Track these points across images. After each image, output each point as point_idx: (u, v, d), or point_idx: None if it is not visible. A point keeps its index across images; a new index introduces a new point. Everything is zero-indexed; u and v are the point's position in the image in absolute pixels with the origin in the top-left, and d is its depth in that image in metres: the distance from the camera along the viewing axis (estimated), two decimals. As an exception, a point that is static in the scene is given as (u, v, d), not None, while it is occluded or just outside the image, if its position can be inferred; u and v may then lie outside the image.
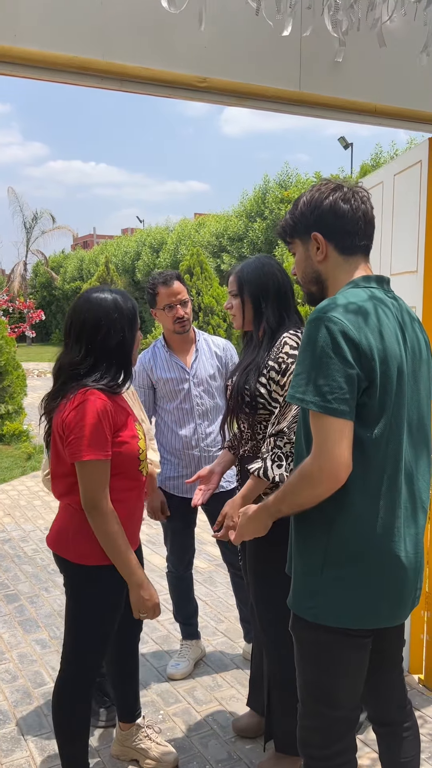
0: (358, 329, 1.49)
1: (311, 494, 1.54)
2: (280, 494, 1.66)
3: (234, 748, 2.61)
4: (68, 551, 2.10)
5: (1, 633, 3.62)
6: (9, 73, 1.93)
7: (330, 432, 1.48)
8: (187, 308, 2.99)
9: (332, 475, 1.49)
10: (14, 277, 34.29)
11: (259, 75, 2.22)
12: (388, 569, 1.58)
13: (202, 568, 4.45)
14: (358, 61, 2.35)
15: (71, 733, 2.18)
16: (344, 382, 1.47)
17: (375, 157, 19.96)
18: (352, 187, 1.68)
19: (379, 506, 1.56)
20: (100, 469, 1.98)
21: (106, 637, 2.16)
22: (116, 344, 2.07)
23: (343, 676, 1.65)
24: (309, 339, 1.51)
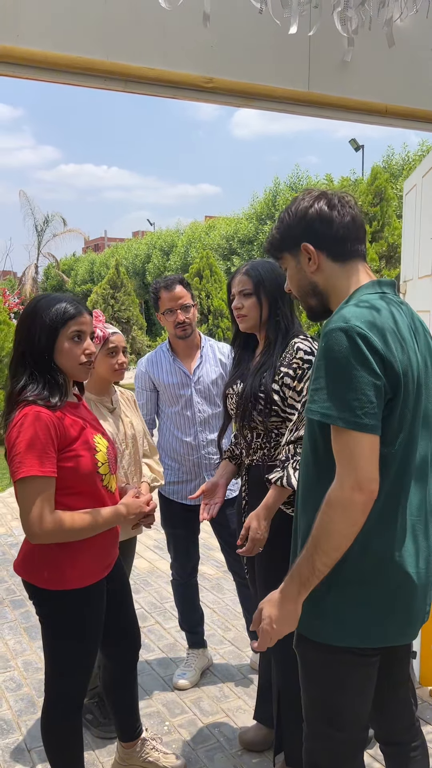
0: (382, 338, 1.42)
1: (347, 522, 1.40)
2: (309, 547, 1.46)
3: (240, 762, 2.56)
4: (34, 576, 2.00)
5: (7, 639, 3.59)
6: (11, 74, 1.90)
7: (359, 449, 1.39)
8: (189, 313, 2.94)
9: (366, 492, 1.39)
10: (26, 279, 34.42)
11: (267, 75, 2.18)
12: (398, 587, 1.52)
13: (210, 574, 4.40)
14: (369, 61, 2.30)
15: (63, 758, 2.12)
16: (374, 395, 1.39)
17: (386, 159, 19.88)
18: (337, 194, 1.63)
19: (389, 524, 1.49)
20: (33, 488, 1.84)
21: (85, 662, 2.07)
22: (30, 353, 1.95)
23: (351, 697, 1.59)
24: (330, 350, 1.42)
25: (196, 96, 2.15)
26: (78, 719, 2.12)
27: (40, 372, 1.95)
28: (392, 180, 18.57)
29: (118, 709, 2.40)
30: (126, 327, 16.40)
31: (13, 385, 1.97)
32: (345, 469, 1.40)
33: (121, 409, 2.70)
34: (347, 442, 1.40)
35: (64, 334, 1.95)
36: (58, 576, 1.97)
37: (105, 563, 2.10)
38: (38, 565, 1.99)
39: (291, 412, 2.19)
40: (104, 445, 2.08)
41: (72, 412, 2.03)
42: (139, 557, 4.76)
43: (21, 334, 1.99)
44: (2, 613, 3.90)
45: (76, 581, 1.99)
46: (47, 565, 1.98)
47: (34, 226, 35.68)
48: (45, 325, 1.94)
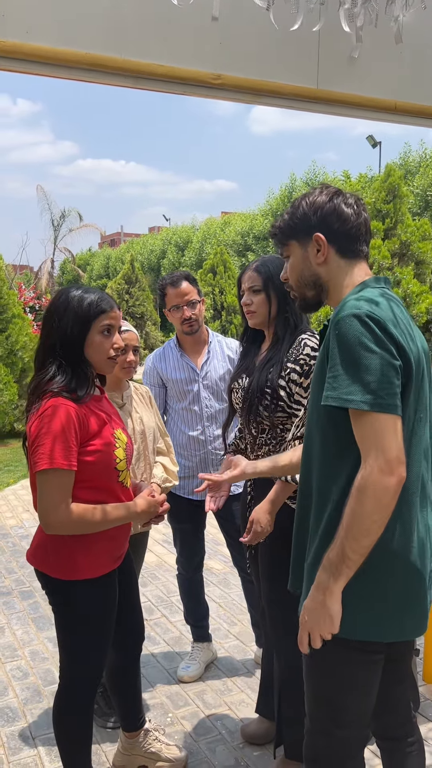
0: (392, 323, 1.45)
1: (378, 506, 1.39)
2: (339, 534, 1.44)
3: (242, 755, 2.58)
4: (47, 566, 2.02)
5: (15, 629, 3.64)
6: (21, 70, 1.92)
7: (384, 430, 1.39)
8: (196, 309, 2.95)
9: (396, 474, 1.38)
10: (41, 274, 34.63)
11: (275, 72, 2.19)
12: (409, 581, 1.52)
13: (217, 569, 4.42)
14: (377, 58, 2.30)
15: (72, 744, 2.15)
16: (393, 375, 1.41)
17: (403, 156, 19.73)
18: (352, 194, 1.68)
19: (396, 517, 1.48)
20: (55, 480, 1.87)
21: (99, 650, 2.10)
22: (61, 345, 1.97)
23: (357, 695, 1.59)
24: (345, 336, 1.44)
25: (205, 93, 2.16)
26: (90, 709, 2.15)
27: (70, 363, 1.97)
28: (409, 177, 18.44)
29: (121, 700, 2.43)
30: (140, 322, 16.45)
31: (40, 376, 1.99)
32: (372, 453, 1.40)
33: (132, 406, 2.71)
34: (372, 425, 1.40)
35: (95, 327, 1.99)
36: (70, 566, 1.99)
37: (117, 554, 2.12)
38: (51, 555, 2.02)
39: (297, 408, 2.20)
40: (124, 441, 2.10)
41: (96, 405, 2.05)
42: (147, 551, 4.78)
43: (51, 325, 1.99)
44: (11, 604, 3.95)
45: (88, 571, 2.01)
46: (60, 554, 2.00)
47: (51, 221, 35.88)
48: (78, 317, 1.97)
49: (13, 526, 5.43)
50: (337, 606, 1.48)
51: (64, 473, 1.88)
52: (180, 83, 2.11)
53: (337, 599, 1.48)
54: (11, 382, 8.99)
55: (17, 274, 27.54)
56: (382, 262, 4.50)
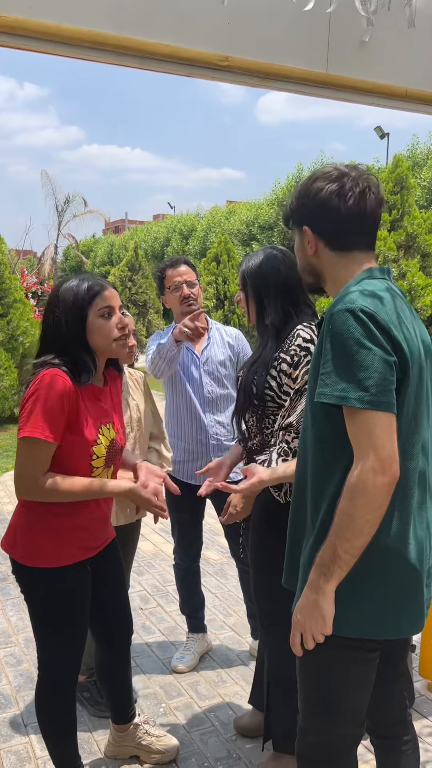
0: (387, 318, 1.41)
1: (370, 507, 1.36)
2: (331, 534, 1.42)
3: (234, 747, 2.56)
4: (15, 550, 1.99)
5: (9, 616, 3.62)
6: (23, 46, 1.87)
7: (379, 428, 1.35)
8: (194, 289, 2.95)
9: (388, 474, 1.35)
10: (45, 259, 34.48)
11: (284, 55, 2.14)
12: (405, 579, 1.49)
13: (214, 560, 4.40)
14: (389, 43, 2.25)
15: (55, 735, 2.14)
16: (387, 372, 1.37)
17: (411, 148, 19.58)
18: (357, 177, 1.54)
19: (393, 515, 1.45)
20: (35, 450, 1.84)
21: (68, 645, 2.07)
22: (55, 337, 1.95)
23: (350, 691, 1.56)
24: (338, 332, 1.39)
25: (212, 75, 2.10)
26: (71, 698, 2.13)
27: (72, 357, 1.93)
28: (416, 169, 18.30)
29: (110, 692, 2.41)
30: (142, 310, 16.39)
31: (39, 361, 1.95)
32: (365, 451, 1.36)
33: (129, 392, 2.68)
34: (365, 422, 1.36)
35: (92, 312, 1.95)
36: (36, 552, 1.97)
37: (90, 545, 2.08)
38: (19, 540, 1.99)
39: (285, 399, 2.18)
40: (109, 437, 2.03)
41: (93, 395, 2.01)
42: (144, 540, 4.77)
43: (48, 321, 1.97)
44: (6, 590, 3.94)
45: (52, 560, 1.97)
46: (26, 540, 1.97)
47: (55, 207, 35.68)
48: (70, 308, 1.93)
49: (10, 511, 5.41)
50: (329, 606, 1.45)
51: (45, 444, 1.85)
52: (186, 64, 2.06)
53: (329, 599, 1.45)
54: (12, 367, 8.96)
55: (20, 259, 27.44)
56: (387, 254, 4.45)
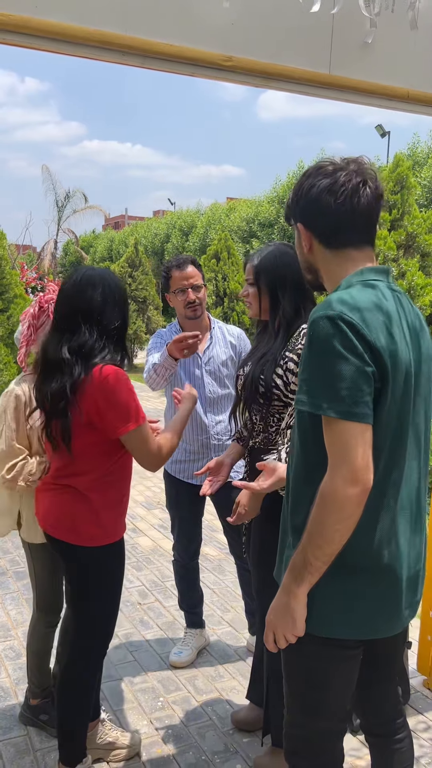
0: (369, 325, 1.37)
1: (340, 516, 1.36)
2: (303, 539, 1.43)
3: (231, 741, 2.59)
4: (74, 535, 2.10)
5: (9, 609, 3.64)
6: (28, 45, 1.88)
7: (351, 439, 1.34)
8: (200, 293, 2.93)
9: (360, 484, 1.34)
10: (44, 254, 34.46)
11: (288, 56, 2.14)
12: (385, 582, 1.50)
13: (212, 556, 4.43)
14: (392, 44, 2.26)
15: (77, 714, 2.22)
16: (363, 383, 1.35)
17: (412, 146, 19.57)
18: (352, 171, 1.49)
19: (377, 518, 1.46)
20: (143, 434, 2.03)
21: (118, 604, 2.27)
22: (120, 324, 2.10)
23: (332, 689, 1.58)
24: (317, 338, 1.38)
25: (215, 74, 2.11)
26: (93, 678, 2.26)
27: (123, 344, 2.14)
28: (417, 168, 18.29)
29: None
30: (142, 307, 16.38)
31: (82, 347, 2.01)
32: (338, 461, 1.36)
33: None
34: (339, 432, 1.36)
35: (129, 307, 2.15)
36: (97, 533, 2.11)
37: (125, 519, 2.24)
38: (79, 525, 2.09)
39: (293, 398, 2.19)
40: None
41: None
42: (143, 535, 4.80)
43: (111, 309, 2.07)
44: (5, 584, 3.96)
45: (114, 534, 2.15)
46: (87, 523, 2.09)
47: (55, 202, 35.63)
48: (124, 298, 2.12)
49: (9, 506, 5.43)
50: (301, 609, 1.46)
51: (144, 425, 2.04)
52: (189, 64, 2.07)
53: (301, 602, 1.46)
54: (11, 362, 8.96)
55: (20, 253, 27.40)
56: (387, 253, 4.46)
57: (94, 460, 2.07)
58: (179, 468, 3.07)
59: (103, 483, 2.10)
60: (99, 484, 2.10)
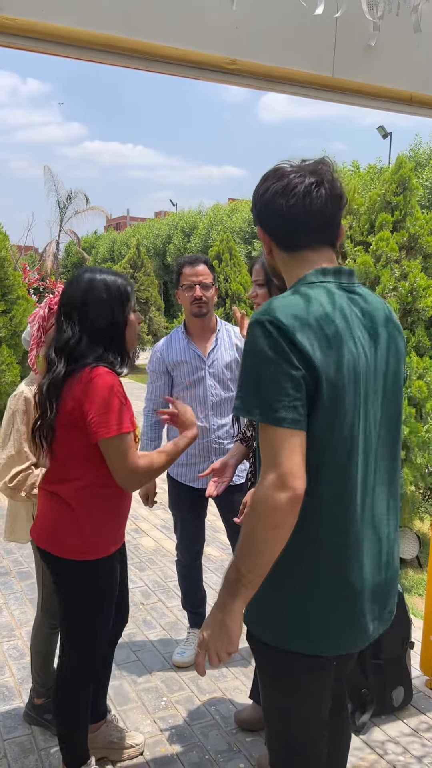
0: (300, 329, 1.34)
1: (268, 523, 1.30)
2: (237, 554, 1.38)
3: (234, 740, 2.60)
4: (57, 546, 2.04)
5: (13, 609, 3.66)
6: (34, 48, 1.89)
7: (279, 444, 1.31)
8: (208, 292, 2.95)
9: (288, 489, 1.29)
10: (46, 255, 34.45)
11: (291, 59, 2.15)
12: (344, 598, 1.45)
13: (215, 556, 4.44)
14: (395, 48, 2.27)
15: (76, 723, 2.18)
16: (291, 387, 1.32)
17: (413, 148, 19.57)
18: (306, 173, 1.47)
19: (331, 529, 1.41)
20: (123, 445, 1.92)
21: (105, 625, 2.14)
22: (106, 324, 2.00)
23: (304, 701, 1.54)
24: (249, 342, 1.37)
25: (219, 78, 2.12)
26: (90, 686, 2.19)
27: (117, 347, 2.03)
28: (418, 169, 18.30)
29: (94, 688, 2.38)
30: (144, 308, 16.40)
31: (71, 347, 1.97)
32: (266, 466, 1.33)
33: None
34: (267, 436, 1.33)
35: (130, 306, 2.07)
36: (78, 546, 2.02)
37: (119, 536, 2.15)
38: (59, 536, 2.03)
39: None
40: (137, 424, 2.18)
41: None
42: (145, 536, 4.81)
43: (98, 310, 1.99)
44: (9, 584, 3.98)
45: (94, 552, 2.04)
46: (69, 534, 2.02)
47: (57, 203, 35.64)
48: (120, 299, 2.03)
49: (12, 507, 5.44)
50: (236, 626, 1.38)
51: (126, 436, 1.93)
52: (194, 67, 2.08)
53: (236, 619, 1.38)
54: (14, 363, 8.98)
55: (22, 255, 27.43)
56: (390, 255, 4.47)
57: (79, 467, 1.99)
58: (181, 471, 3.08)
59: (89, 494, 2.01)
60: (84, 493, 2.01)
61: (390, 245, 4.48)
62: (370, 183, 15.09)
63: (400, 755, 2.52)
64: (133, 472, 1.94)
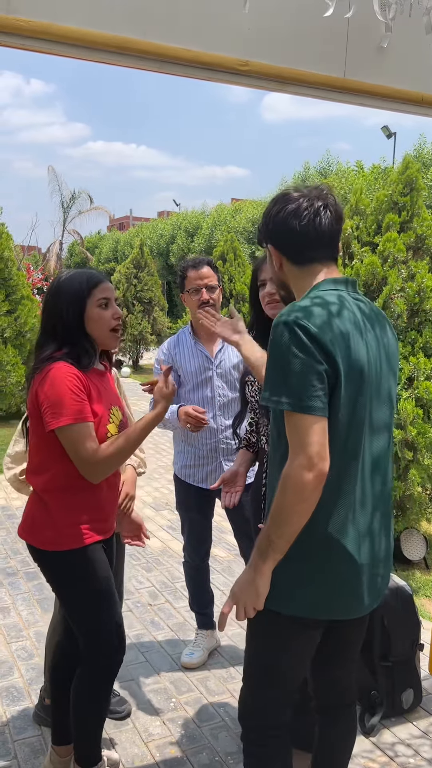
0: (320, 329, 1.53)
1: (297, 498, 1.51)
2: (268, 520, 1.59)
3: (244, 742, 2.59)
4: (33, 537, 2.09)
5: (20, 610, 3.66)
6: (48, 50, 1.89)
7: (306, 429, 1.50)
8: (214, 294, 2.94)
9: (315, 470, 1.49)
10: (50, 256, 34.48)
11: (303, 60, 2.15)
12: (342, 567, 1.62)
13: (222, 557, 4.44)
14: (407, 49, 2.26)
15: (89, 724, 2.18)
16: (316, 379, 1.51)
17: (417, 148, 19.54)
18: (314, 197, 1.68)
19: (335, 506, 1.59)
20: (79, 433, 1.96)
21: (106, 615, 2.13)
22: (55, 325, 2.06)
23: (289, 659, 1.74)
24: (275, 342, 1.56)
25: (231, 79, 2.12)
26: (112, 679, 2.19)
27: (72, 343, 2.06)
28: (423, 170, 18.27)
29: (65, 701, 2.24)
30: (148, 307, 16.40)
31: (38, 354, 2.08)
32: (295, 450, 1.52)
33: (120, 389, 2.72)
34: (296, 424, 1.52)
35: (91, 302, 2.08)
36: (54, 537, 2.04)
37: (102, 526, 2.13)
38: (36, 527, 2.08)
39: None
40: (118, 418, 2.15)
41: (96, 378, 2.11)
42: (152, 537, 4.81)
43: (49, 311, 2.10)
44: (16, 585, 3.98)
45: (71, 542, 2.05)
46: (45, 526, 2.06)
47: (61, 203, 35.68)
48: (71, 297, 2.06)
49: (18, 507, 5.45)
50: (264, 585, 1.60)
51: (84, 425, 1.97)
52: (206, 69, 2.08)
53: (265, 579, 1.60)
54: (19, 363, 8.99)
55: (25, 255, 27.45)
56: (397, 256, 4.46)
57: (48, 460, 2.05)
58: (189, 472, 3.08)
59: (59, 486, 2.05)
60: (54, 486, 2.05)
61: (397, 246, 4.47)
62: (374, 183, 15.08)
63: (410, 758, 2.52)
64: (86, 462, 1.97)
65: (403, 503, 4.31)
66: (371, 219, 4.85)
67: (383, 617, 2.71)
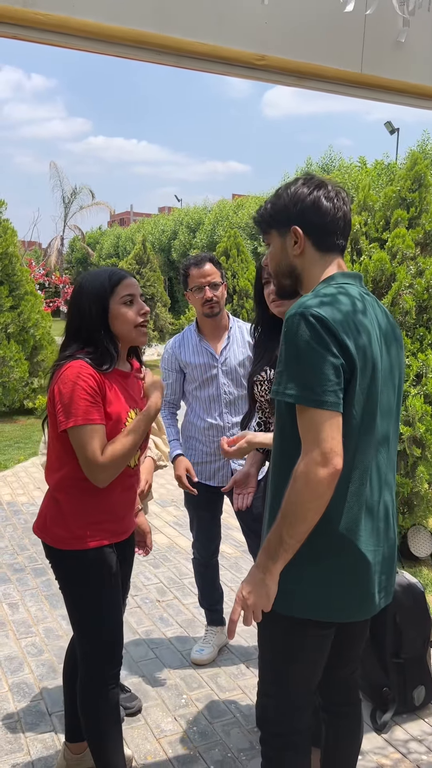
0: (338, 322, 1.49)
1: (311, 495, 1.47)
2: (278, 518, 1.53)
3: (256, 739, 2.59)
4: (45, 534, 2.08)
5: (29, 606, 3.66)
6: (66, 44, 1.88)
7: (321, 424, 1.46)
8: (218, 291, 2.92)
9: (329, 466, 1.45)
10: (51, 251, 34.45)
11: (320, 54, 2.14)
12: (355, 568, 1.60)
13: (229, 553, 4.44)
14: (424, 44, 2.25)
15: (101, 730, 2.12)
16: (332, 374, 1.47)
17: (421, 144, 19.50)
18: (336, 187, 1.67)
19: (345, 505, 1.56)
20: (87, 435, 1.93)
21: (112, 620, 2.10)
22: (79, 326, 2.04)
23: (301, 663, 1.70)
24: (290, 334, 1.51)
25: (248, 73, 2.11)
26: (110, 688, 2.11)
27: (96, 344, 2.03)
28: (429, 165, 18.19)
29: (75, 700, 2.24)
30: (150, 304, 16.38)
31: (61, 354, 2.06)
32: (310, 445, 1.47)
33: None
34: (310, 419, 1.47)
35: (114, 299, 2.04)
36: (65, 536, 2.03)
37: (115, 529, 2.11)
38: (48, 525, 2.06)
39: None
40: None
41: (119, 381, 2.08)
42: (158, 533, 4.81)
43: (73, 311, 2.07)
44: (24, 581, 3.98)
45: (81, 542, 2.03)
46: (56, 524, 2.04)
47: (62, 198, 35.61)
48: (94, 296, 2.03)
49: (24, 503, 5.46)
50: (274, 586, 1.56)
51: (90, 428, 1.93)
52: (223, 63, 2.07)
53: (274, 579, 1.55)
54: (22, 359, 8.98)
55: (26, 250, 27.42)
56: (406, 252, 4.45)
57: (61, 459, 2.03)
58: (196, 470, 3.07)
59: (71, 486, 2.03)
60: (66, 485, 2.04)
61: (406, 242, 4.46)
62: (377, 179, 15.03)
63: (423, 755, 2.52)
64: (88, 465, 1.94)
65: (411, 500, 4.30)
66: (379, 215, 4.83)
67: (395, 614, 2.71)
